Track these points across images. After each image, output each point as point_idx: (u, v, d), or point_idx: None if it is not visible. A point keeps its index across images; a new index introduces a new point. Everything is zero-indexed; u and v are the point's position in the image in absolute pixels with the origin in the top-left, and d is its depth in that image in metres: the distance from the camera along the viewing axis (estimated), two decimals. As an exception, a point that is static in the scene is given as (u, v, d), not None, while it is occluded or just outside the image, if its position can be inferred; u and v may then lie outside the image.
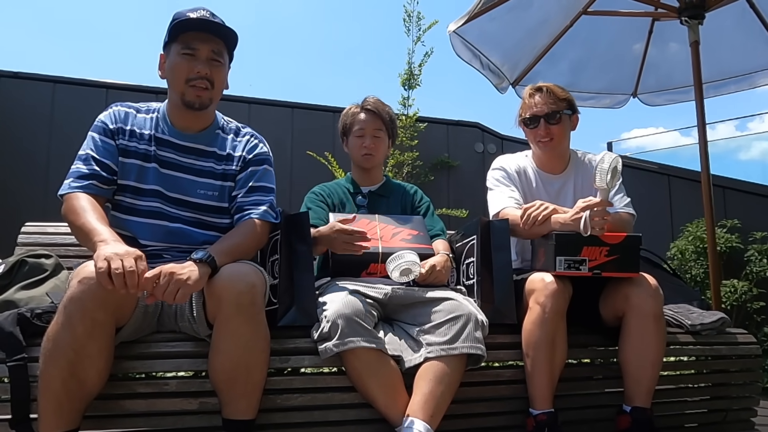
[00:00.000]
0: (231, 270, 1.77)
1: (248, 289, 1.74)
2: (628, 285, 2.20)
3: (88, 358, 1.65)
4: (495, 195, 2.57)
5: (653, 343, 2.15)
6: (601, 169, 2.17)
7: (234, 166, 2.12)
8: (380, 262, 2.22)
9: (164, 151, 2.04)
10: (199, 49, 2.00)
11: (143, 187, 2.01)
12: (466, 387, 2.08)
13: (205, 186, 2.07)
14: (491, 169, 2.66)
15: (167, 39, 2.02)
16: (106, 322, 1.67)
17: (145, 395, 1.85)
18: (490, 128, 6.47)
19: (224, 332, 1.75)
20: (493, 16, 4.09)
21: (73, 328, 1.61)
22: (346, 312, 1.93)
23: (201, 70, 1.99)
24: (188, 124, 2.08)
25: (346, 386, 2.00)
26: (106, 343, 1.69)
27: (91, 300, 1.62)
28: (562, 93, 2.55)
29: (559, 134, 2.53)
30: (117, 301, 1.67)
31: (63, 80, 5.34)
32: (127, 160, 2.02)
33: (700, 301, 2.73)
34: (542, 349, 2.11)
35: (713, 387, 2.50)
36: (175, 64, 2.00)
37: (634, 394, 2.17)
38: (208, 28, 2.00)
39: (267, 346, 1.83)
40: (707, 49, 3.84)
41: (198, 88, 2.00)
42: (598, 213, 2.16)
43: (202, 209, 2.06)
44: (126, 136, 2.04)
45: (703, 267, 4.93)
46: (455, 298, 2.10)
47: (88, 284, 1.62)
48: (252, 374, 1.79)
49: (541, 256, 2.31)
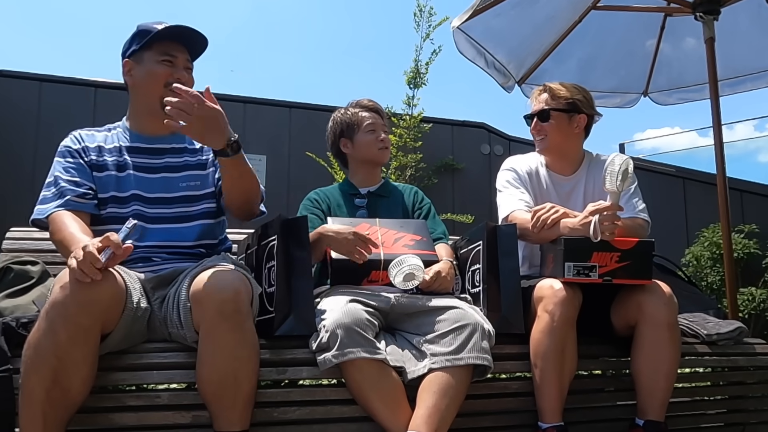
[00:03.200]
0: (214, 276, 1.77)
1: (232, 297, 1.74)
2: (641, 293, 2.20)
3: (73, 365, 1.65)
4: (505, 197, 2.58)
5: (667, 353, 2.14)
6: (611, 172, 2.17)
7: (207, 155, 2.25)
8: (382, 269, 2.22)
9: (138, 157, 2.17)
10: (177, 57, 2.16)
11: (123, 195, 2.12)
12: (472, 400, 2.07)
13: (186, 178, 2.20)
14: (501, 170, 2.67)
15: (136, 47, 2.15)
16: (90, 327, 1.67)
17: (135, 408, 1.85)
18: (497, 129, 6.47)
19: (209, 342, 1.76)
20: (498, 11, 4.09)
21: (56, 334, 1.61)
22: (346, 321, 1.93)
23: (181, 76, 2.13)
24: (156, 129, 2.17)
25: (346, 399, 1.99)
26: (91, 350, 1.69)
27: (74, 304, 1.62)
28: (563, 92, 2.60)
29: (551, 132, 2.58)
30: (102, 305, 1.67)
31: (50, 78, 5.36)
32: (102, 174, 2.12)
33: (716, 310, 2.73)
34: (551, 359, 2.10)
35: (730, 400, 2.49)
36: (152, 70, 2.13)
37: (647, 407, 2.16)
38: (190, 36, 2.17)
39: (255, 354, 1.83)
40: (722, 46, 3.85)
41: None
42: (608, 217, 2.17)
43: (186, 201, 2.17)
44: (95, 152, 2.15)
45: (719, 274, 4.94)
46: (460, 307, 2.09)
47: (70, 288, 1.63)
48: (241, 385, 1.78)
49: (550, 263, 2.31)
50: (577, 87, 2.66)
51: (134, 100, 2.22)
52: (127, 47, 2.19)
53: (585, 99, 2.63)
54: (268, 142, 5.78)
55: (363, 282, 2.26)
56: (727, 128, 4.21)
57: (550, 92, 2.61)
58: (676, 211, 5.91)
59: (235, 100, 5.65)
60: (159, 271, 2.02)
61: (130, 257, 1.89)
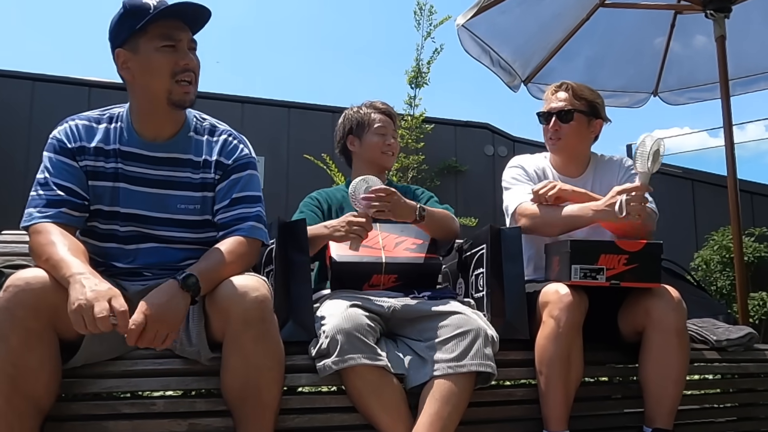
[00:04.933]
0: (237, 283, 1.75)
1: (257, 304, 1.72)
2: (649, 298, 2.20)
3: (30, 371, 1.61)
4: (512, 193, 2.58)
5: (676, 360, 2.14)
6: (642, 153, 2.20)
7: (212, 174, 1.99)
8: (383, 273, 2.22)
9: (132, 166, 1.94)
10: (181, 39, 1.86)
11: (116, 210, 1.93)
12: (476, 407, 2.07)
13: (185, 199, 1.97)
14: (508, 167, 2.68)
15: (127, 34, 1.84)
16: (42, 331, 1.62)
17: (130, 416, 1.84)
18: (501, 130, 6.49)
19: (232, 349, 1.75)
20: (504, 8, 4.09)
21: (6, 340, 1.58)
22: (346, 327, 1.93)
23: (188, 62, 1.88)
24: (159, 131, 1.96)
25: (346, 406, 1.99)
26: (47, 354, 1.65)
27: (20, 308, 1.59)
28: (584, 93, 2.58)
29: (569, 134, 2.56)
30: (51, 307, 1.62)
31: (43, 78, 5.38)
32: (98, 183, 1.92)
33: (726, 315, 2.73)
34: (556, 365, 2.10)
35: (740, 407, 2.49)
36: (153, 60, 1.84)
37: (655, 414, 2.16)
38: (195, 13, 1.87)
39: (278, 363, 1.82)
40: (733, 44, 3.84)
41: (185, 83, 1.88)
42: (636, 198, 2.20)
43: (184, 225, 1.97)
44: (92, 155, 1.93)
45: (729, 278, 4.94)
46: (464, 312, 2.09)
47: (14, 292, 1.59)
48: (261, 394, 1.78)
49: (556, 265, 2.31)
50: (595, 90, 2.64)
51: (134, 97, 1.95)
52: (116, 33, 1.87)
53: (603, 103, 2.63)
54: (266, 143, 5.79)
55: (364, 286, 2.26)
56: (738, 129, 4.24)
57: (573, 92, 2.57)
58: (685, 213, 5.91)
59: (232, 100, 5.66)
60: (149, 284, 1.88)
61: (115, 273, 1.90)
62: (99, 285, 1.59)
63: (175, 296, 1.67)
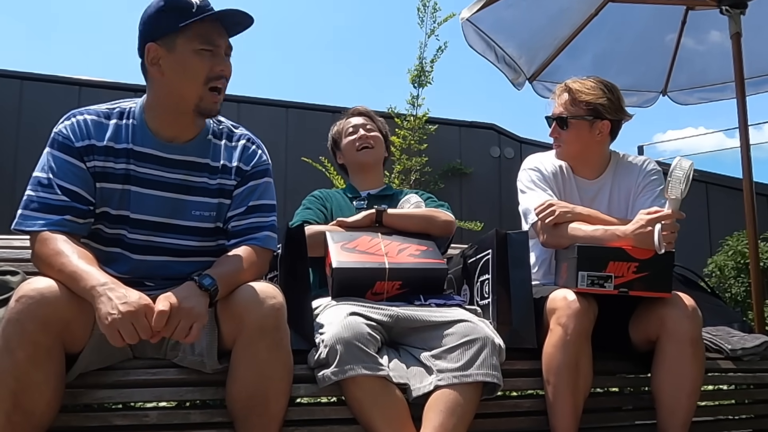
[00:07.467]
0: (254, 289, 1.75)
1: (273, 312, 1.73)
2: (663, 306, 2.19)
3: (34, 386, 1.59)
4: (530, 197, 2.54)
5: (690, 370, 2.14)
6: (676, 177, 2.14)
7: (231, 180, 1.98)
8: (387, 279, 2.22)
9: (145, 168, 1.88)
10: (219, 45, 1.84)
11: (124, 214, 1.89)
12: (481, 419, 2.07)
13: (200, 206, 1.94)
14: (524, 169, 2.64)
15: (165, 30, 1.80)
16: (51, 347, 1.61)
17: (122, 428, 1.84)
18: (508, 130, 6.47)
19: (243, 357, 1.75)
20: (510, 2, 4.10)
21: (13, 354, 1.56)
22: (346, 336, 1.93)
23: (224, 68, 1.86)
24: (179, 133, 1.92)
25: (346, 418, 1.99)
26: (54, 370, 1.64)
27: (30, 321, 1.56)
28: (584, 95, 2.51)
29: (568, 141, 2.54)
30: (62, 323, 1.62)
31: (32, 76, 5.39)
32: (106, 185, 1.86)
33: (741, 323, 2.72)
34: (564, 374, 2.10)
35: (756, 419, 2.49)
36: (189, 62, 1.81)
37: (668, 426, 2.16)
38: (240, 19, 1.85)
39: (287, 374, 1.83)
40: (749, 42, 3.84)
41: (215, 92, 1.87)
42: (670, 226, 2.16)
43: (197, 233, 1.95)
44: (101, 154, 1.86)
45: (744, 285, 4.93)
46: (470, 320, 2.09)
47: (26, 304, 1.57)
48: (269, 405, 1.79)
49: (564, 272, 2.31)
50: (604, 86, 2.56)
51: (158, 95, 1.88)
52: (152, 26, 1.82)
53: (610, 101, 2.53)
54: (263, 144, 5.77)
55: (367, 294, 2.24)
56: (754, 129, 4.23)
57: (571, 95, 2.53)
58: (698, 217, 5.91)
59: (228, 99, 5.64)
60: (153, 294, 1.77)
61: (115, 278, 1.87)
62: (127, 295, 1.59)
63: (195, 294, 1.68)
